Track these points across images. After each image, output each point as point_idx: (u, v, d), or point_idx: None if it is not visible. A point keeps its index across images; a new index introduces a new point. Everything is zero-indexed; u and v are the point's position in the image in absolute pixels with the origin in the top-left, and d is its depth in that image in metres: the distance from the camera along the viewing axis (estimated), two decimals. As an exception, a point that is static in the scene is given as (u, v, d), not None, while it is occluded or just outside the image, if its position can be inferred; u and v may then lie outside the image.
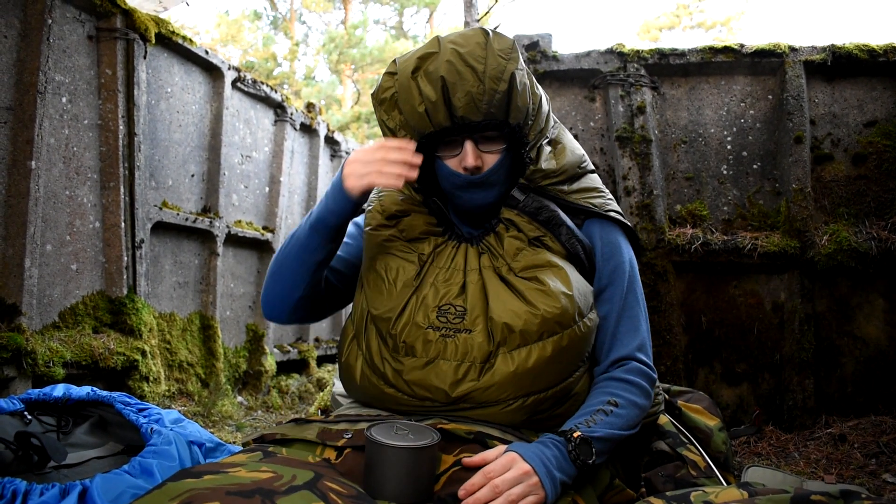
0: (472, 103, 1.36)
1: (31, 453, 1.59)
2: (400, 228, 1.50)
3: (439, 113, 1.38)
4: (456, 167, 1.45)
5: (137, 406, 1.95)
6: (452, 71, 1.35)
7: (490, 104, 1.37)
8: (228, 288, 4.63)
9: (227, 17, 19.84)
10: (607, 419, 1.32)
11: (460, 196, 1.48)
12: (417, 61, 1.39)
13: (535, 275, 1.38)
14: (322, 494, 0.98)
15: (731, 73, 3.64)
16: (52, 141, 3.20)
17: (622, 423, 1.33)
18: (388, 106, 1.46)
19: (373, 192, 1.61)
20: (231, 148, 4.60)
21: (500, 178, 1.47)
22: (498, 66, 1.36)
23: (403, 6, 20.88)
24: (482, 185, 1.46)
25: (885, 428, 2.94)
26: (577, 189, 1.55)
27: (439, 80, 1.35)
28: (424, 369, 1.34)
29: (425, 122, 1.40)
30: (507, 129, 1.43)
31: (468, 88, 1.35)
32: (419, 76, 1.38)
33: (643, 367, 1.44)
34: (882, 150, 3.42)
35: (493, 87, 1.36)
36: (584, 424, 1.29)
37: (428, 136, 1.43)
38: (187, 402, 3.87)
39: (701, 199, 3.56)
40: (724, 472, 1.63)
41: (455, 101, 1.36)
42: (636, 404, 1.38)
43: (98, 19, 3.50)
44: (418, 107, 1.38)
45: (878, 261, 3.21)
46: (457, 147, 1.45)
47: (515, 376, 1.30)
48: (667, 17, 23.57)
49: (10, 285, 2.95)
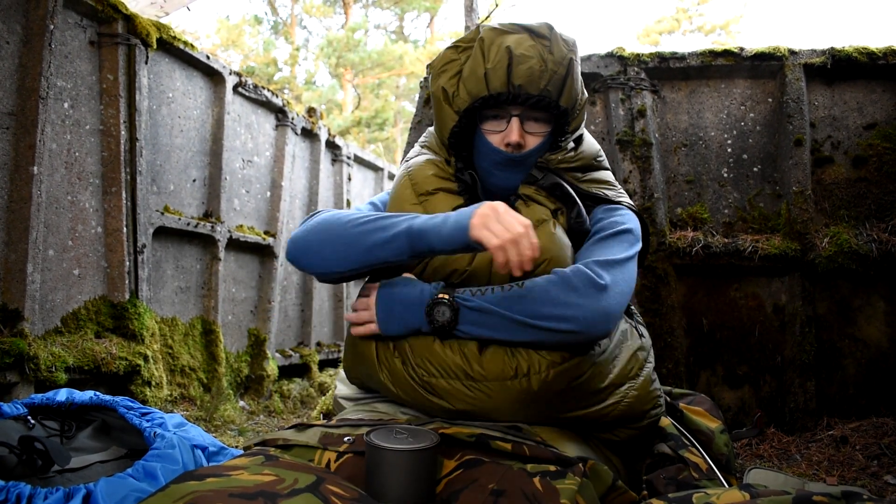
0: (531, 77, 1.42)
1: (35, 458, 1.59)
2: (426, 209, 1.52)
3: (498, 79, 1.43)
4: (498, 143, 1.50)
5: (140, 410, 1.95)
6: (520, 47, 1.43)
7: (548, 83, 1.44)
8: (230, 293, 4.64)
9: (228, 22, 19.89)
10: (496, 295, 1.33)
11: (495, 174, 1.53)
12: (490, 32, 1.47)
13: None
14: (324, 498, 0.98)
15: (731, 76, 3.65)
16: (54, 146, 3.21)
17: (511, 305, 1.31)
18: (448, 75, 1.51)
19: (401, 167, 1.64)
20: (232, 153, 4.61)
21: (534, 161, 1.53)
22: (560, 52, 1.45)
23: (404, 10, 20.93)
24: (518, 165, 1.51)
25: (886, 430, 2.94)
26: (590, 179, 1.60)
27: (506, 49, 1.42)
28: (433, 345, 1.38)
29: (482, 86, 1.45)
30: (556, 110, 1.48)
31: (531, 64, 1.42)
32: (488, 45, 1.45)
33: (585, 270, 1.34)
34: (882, 153, 3.43)
35: (554, 69, 1.44)
36: (468, 291, 1.35)
37: (481, 101, 1.47)
38: (189, 407, 3.88)
39: (702, 202, 3.57)
40: (726, 474, 1.63)
41: (516, 71, 1.42)
42: (548, 293, 1.30)
43: (100, 25, 3.51)
44: (479, 70, 1.44)
45: (879, 263, 3.21)
46: (502, 122, 1.50)
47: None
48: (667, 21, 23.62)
49: (13, 290, 2.96)
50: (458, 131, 1.54)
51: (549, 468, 1.20)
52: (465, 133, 1.55)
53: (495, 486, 1.13)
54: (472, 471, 1.19)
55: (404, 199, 1.55)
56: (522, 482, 1.15)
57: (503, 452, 1.24)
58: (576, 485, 1.16)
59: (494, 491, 1.12)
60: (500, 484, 1.14)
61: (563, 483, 1.15)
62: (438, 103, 1.54)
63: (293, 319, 5.52)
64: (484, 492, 1.12)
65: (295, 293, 5.56)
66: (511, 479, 1.16)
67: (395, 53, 18.93)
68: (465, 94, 1.48)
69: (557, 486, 1.14)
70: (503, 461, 1.21)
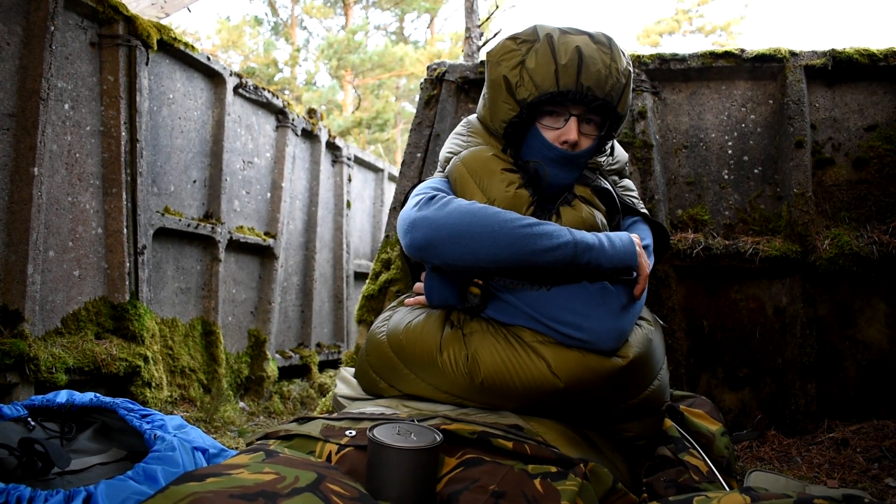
0: (599, 80, 1.48)
1: (35, 459, 1.59)
2: (488, 192, 1.56)
3: (569, 77, 1.48)
4: (554, 140, 1.54)
5: (141, 412, 1.95)
6: (588, 49, 1.48)
7: (612, 88, 1.50)
8: (230, 294, 4.64)
9: (229, 23, 19.89)
10: (526, 292, 1.49)
11: (548, 170, 1.57)
12: (557, 31, 1.52)
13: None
14: (325, 497, 0.98)
15: (732, 78, 3.65)
16: (55, 147, 3.21)
17: (537, 302, 1.46)
18: (511, 64, 1.54)
19: (455, 160, 1.65)
20: (233, 154, 4.61)
21: (586, 162, 1.60)
22: (622, 62, 1.52)
23: (404, 11, 20.93)
24: (571, 163, 1.56)
25: (887, 432, 2.94)
26: (623, 185, 1.73)
27: (576, 50, 1.47)
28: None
29: (551, 82, 1.49)
30: (613, 115, 1.55)
31: (598, 67, 1.48)
32: (559, 43, 1.49)
33: (611, 287, 1.50)
34: (883, 155, 3.43)
35: (617, 76, 1.51)
36: (502, 283, 1.50)
37: (549, 96, 1.51)
38: (189, 408, 3.87)
39: (702, 204, 3.56)
40: (727, 477, 1.63)
41: (585, 72, 1.47)
42: (571, 302, 1.46)
43: (100, 26, 3.51)
44: (550, 66, 1.48)
45: (880, 265, 3.21)
46: (560, 120, 1.54)
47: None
48: (667, 22, 23.62)
49: (13, 291, 2.96)
50: (517, 122, 1.56)
51: (550, 469, 1.20)
52: (517, 127, 1.58)
53: (496, 488, 1.13)
54: (472, 470, 1.19)
55: (463, 181, 1.58)
56: (523, 483, 1.15)
57: (504, 451, 1.24)
58: (576, 486, 1.16)
59: (495, 492, 1.12)
60: (501, 485, 1.14)
61: (564, 484, 1.15)
62: (498, 92, 1.57)
63: (293, 320, 5.51)
64: (484, 493, 1.12)
65: (295, 294, 5.56)
66: (512, 480, 1.16)
67: (396, 54, 18.93)
68: (531, 87, 1.51)
69: (558, 488, 1.14)
70: (504, 461, 1.21)
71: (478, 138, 1.67)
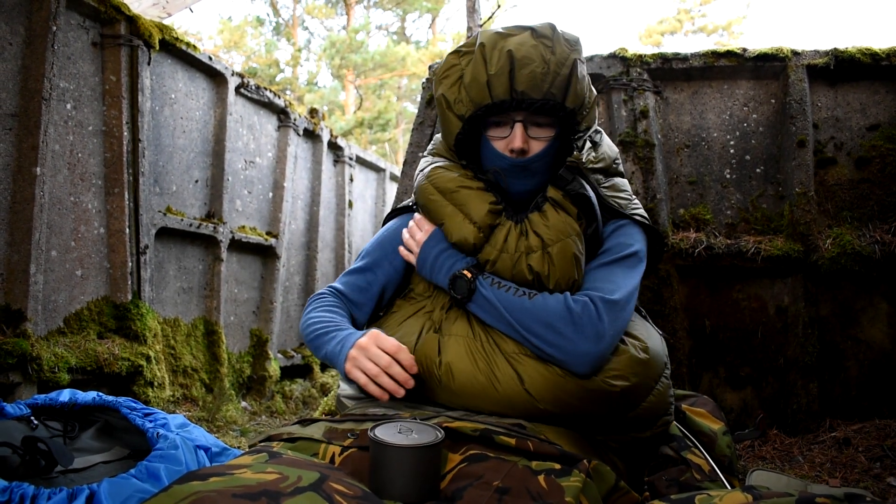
0: (534, 81, 1.41)
1: (38, 458, 1.60)
2: (459, 205, 1.54)
3: (501, 86, 1.43)
4: (503, 149, 1.50)
5: (143, 411, 1.95)
6: (521, 50, 1.41)
7: (551, 85, 1.43)
8: (232, 293, 4.64)
9: (230, 24, 19.91)
10: (508, 295, 1.42)
11: (503, 179, 1.52)
12: (491, 36, 1.46)
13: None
14: (328, 496, 0.98)
15: (734, 77, 3.65)
16: (57, 147, 3.21)
17: (513, 309, 1.40)
18: (450, 81, 1.51)
19: (421, 176, 1.64)
20: (235, 154, 4.61)
21: (543, 166, 1.52)
22: (563, 53, 1.44)
23: (406, 11, 20.94)
24: (525, 171, 1.50)
25: (889, 431, 2.94)
26: (609, 185, 1.61)
27: (507, 54, 1.41)
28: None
29: (484, 94, 1.45)
30: (562, 112, 1.47)
31: (533, 68, 1.41)
32: (490, 51, 1.44)
33: (592, 309, 1.39)
34: (885, 154, 3.42)
35: (557, 70, 1.42)
36: (490, 280, 1.45)
37: (484, 109, 1.47)
38: (191, 408, 3.88)
39: (704, 204, 3.56)
40: (729, 476, 1.63)
41: (519, 76, 1.41)
42: (548, 317, 1.38)
43: (102, 26, 3.52)
44: (481, 77, 1.44)
45: (882, 264, 3.21)
46: (506, 128, 1.50)
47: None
48: (669, 21, 23.62)
49: (16, 291, 2.96)
50: (463, 138, 1.54)
51: (553, 466, 1.20)
52: (470, 139, 1.55)
53: (500, 484, 1.13)
54: (476, 466, 1.19)
55: (434, 205, 1.56)
56: (527, 480, 1.15)
57: (507, 448, 1.24)
58: (580, 482, 1.16)
59: (499, 488, 1.12)
60: (505, 481, 1.14)
61: (568, 481, 1.15)
62: (442, 110, 1.54)
63: (295, 320, 5.52)
64: (489, 489, 1.12)
65: (297, 294, 5.56)
66: (516, 476, 1.16)
67: (398, 54, 18.94)
68: (468, 102, 1.48)
69: (562, 484, 1.14)
70: (508, 457, 1.21)
71: (442, 155, 1.66)
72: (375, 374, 1.28)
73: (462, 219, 1.51)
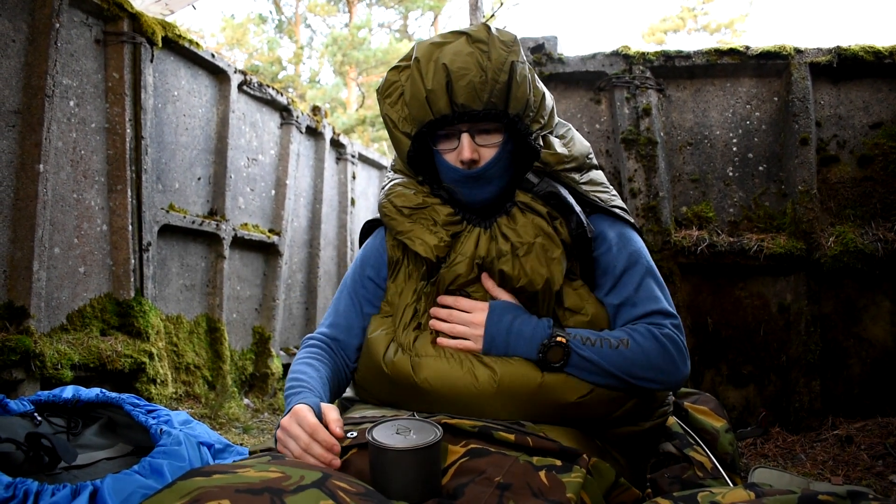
0: (473, 92, 1.38)
1: (42, 454, 1.60)
2: (419, 222, 1.52)
3: (440, 101, 1.40)
4: (454, 161, 1.47)
5: (146, 408, 1.96)
6: (456, 61, 1.38)
7: (491, 94, 1.39)
8: (235, 291, 4.65)
9: (233, 21, 19.91)
10: (605, 350, 1.38)
11: (460, 191, 1.50)
12: (426, 48, 1.43)
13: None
14: (331, 492, 0.98)
15: (737, 75, 3.64)
16: (60, 144, 3.22)
17: (616, 362, 1.38)
18: (392, 99, 1.49)
19: (381, 194, 1.62)
20: (237, 151, 4.62)
21: (498, 171, 1.48)
22: (499, 58, 1.39)
23: (408, 9, 20.92)
24: (479, 180, 1.47)
25: (891, 429, 2.93)
26: (587, 181, 1.58)
27: (443, 68, 1.38)
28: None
29: (426, 111, 1.42)
30: (506, 119, 1.44)
31: (470, 78, 1.38)
32: (425, 65, 1.41)
33: (674, 334, 1.44)
34: (888, 152, 3.42)
35: (495, 77, 1.39)
36: (580, 338, 1.39)
37: (428, 126, 1.44)
38: (194, 405, 3.89)
39: (707, 201, 3.56)
40: (731, 474, 1.63)
41: (457, 89, 1.38)
42: (649, 359, 1.39)
43: (105, 23, 3.52)
44: (420, 94, 1.41)
45: (885, 262, 3.20)
46: (454, 140, 1.46)
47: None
48: (672, 19, 23.59)
49: (19, 288, 2.97)
50: (415, 154, 1.53)
51: (555, 462, 1.20)
52: (423, 153, 1.53)
53: (501, 480, 1.14)
54: (478, 460, 1.19)
55: (394, 223, 1.54)
56: (528, 475, 1.15)
57: (507, 444, 1.24)
58: (581, 478, 1.16)
59: (501, 484, 1.13)
60: (507, 477, 1.14)
61: (569, 477, 1.16)
62: (389, 130, 1.52)
63: (297, 317, 5.52)
64: (490, 485, 1.13)
65: (299, 291, 5.57)
66: (517, 472, 1.16)
67: (400, 52, 18.90)
68: (411, 119, 1.46)
69: (563, 480, 1.15)
70: (509, 452, 1.22)
71: (401, 173, 1.65)
72: (299, 455, 1.24)
73: (421, 233, 1.50)
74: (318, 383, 1.45)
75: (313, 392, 1.39)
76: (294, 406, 1.30)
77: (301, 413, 1.27)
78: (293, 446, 1.25)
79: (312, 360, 1.53)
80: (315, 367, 1.52)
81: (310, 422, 1.24)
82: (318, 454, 1.22)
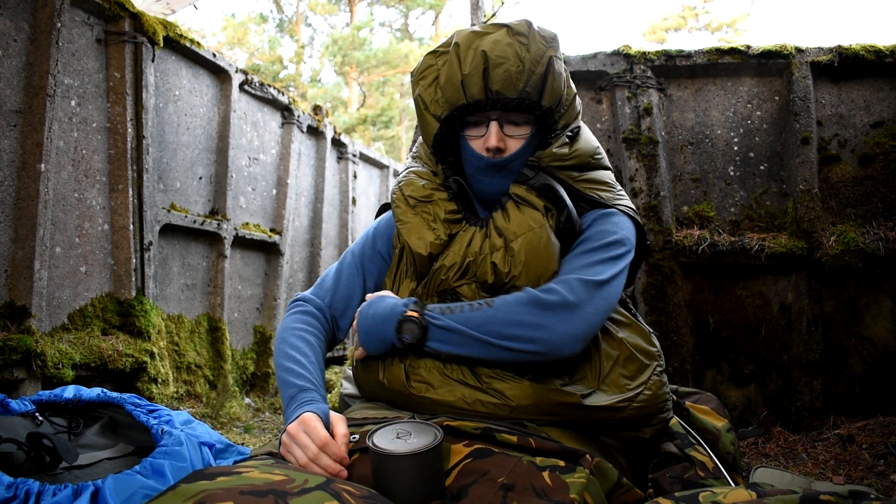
0: (508, 80, 1.40)
1: (43, 454, 1.60)
2: (422, 216, 1.53)
3: (475, 86, 1.41)
4: (479, 149, 1.48)
5: (148, 407, 1.96)
6: (495, 49, 1.40)
7: (527, 84, 1.41)
8: (236, 290, 4.65)
9: (234, 21, 19.91)
10: (466, 313, 1.35)
11: (480, 180, 1.51)
12: (467, 36, 1.44)
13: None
14: (336, 494, 0.98)
15: (738, 74, 3.64)
16: (62, 144, 3.22)
17: (478, 323, 1.33)
18: (427, 82, 1.49)
19: (394, 184, 1.63)
20: (238, 150, 4.62)
21: (520, 164, 1.49)
22: (538, 51, 1.41)
23: (409, 8, 20.91)
24: (502, 170, 1.48)
25: (893, 429, 2.93)
26: (587, 178, 1.55)
27: (481, 55, 1.40)
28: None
29: (459, 95, 1.43)
30: (538, 111, 1.46)
31: (507, 66, 1.39)
32: (464, 51, 1.42)
33: (563, 290, 1.35)
34: (889, 151, 3.42)
35: (532, 68, 1.41)
36: (438, 309, 1.37)
37: (459, 110, 1.45)
38: (195, 404, 3.89)
39: (708, 201, 3.56)
40: (733, 473, 1.63)
41: (493, 75, 1.40)
42: (518, 315, 1.32)
43: (106, 23, 3.52)
44: (456, 77, 1.42)
45: (886, 262, 3.20)
46: (483, 128, 1.48)
47: None
48: (673, 18, 23.57)
49: (20, 287, 2.97)
50: (441, 139, 1.53)
51: (558, 463, 1.20)
52: (449, 139, 1.54)
53: (505, 480, 1.14)
54: (482, 461, 1.19)
55: (403, 214, 1.55)
56: (532, 476, 1.15)
57: (509, 445, 1.24)
58: (585, 478, 1.16)
59: (504, 485, 1.12)
60: (510, 478, 1.14)
61: (573, 477, 1.16)
62: (419, 111, 1.52)
63: (299, 317, 5.52)
64: (494, 486, 1.13)
65: (300, 290, 5.57)
66: (521, 472, 1.16)
67: (401, 51, 18.92)
68: (443, 102, 1.46)
69: (567, 481, 1.15)
70: (512, 452, 1.22)
71: (420, 159, 1.65)
72: (305, 464, 1.22)
73: (420, 228, 1.51)
74: (318, 371, 1.46)
75: (317, 390, 1.38)
76: (303, 414, 1.29)
77: (311, 423, 1.26)
78: (300, 454, 1.24)
79: (308, 336, 1.54)
80: (312, 344, 1.52)
81: (320, 434, 1.23)
82: (327, 465, 1.21)
